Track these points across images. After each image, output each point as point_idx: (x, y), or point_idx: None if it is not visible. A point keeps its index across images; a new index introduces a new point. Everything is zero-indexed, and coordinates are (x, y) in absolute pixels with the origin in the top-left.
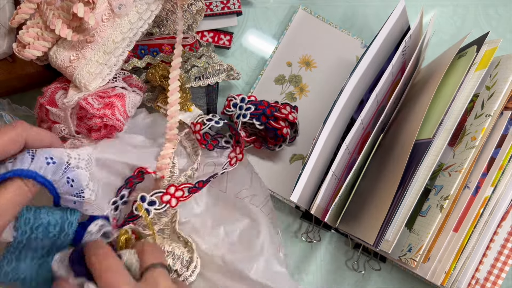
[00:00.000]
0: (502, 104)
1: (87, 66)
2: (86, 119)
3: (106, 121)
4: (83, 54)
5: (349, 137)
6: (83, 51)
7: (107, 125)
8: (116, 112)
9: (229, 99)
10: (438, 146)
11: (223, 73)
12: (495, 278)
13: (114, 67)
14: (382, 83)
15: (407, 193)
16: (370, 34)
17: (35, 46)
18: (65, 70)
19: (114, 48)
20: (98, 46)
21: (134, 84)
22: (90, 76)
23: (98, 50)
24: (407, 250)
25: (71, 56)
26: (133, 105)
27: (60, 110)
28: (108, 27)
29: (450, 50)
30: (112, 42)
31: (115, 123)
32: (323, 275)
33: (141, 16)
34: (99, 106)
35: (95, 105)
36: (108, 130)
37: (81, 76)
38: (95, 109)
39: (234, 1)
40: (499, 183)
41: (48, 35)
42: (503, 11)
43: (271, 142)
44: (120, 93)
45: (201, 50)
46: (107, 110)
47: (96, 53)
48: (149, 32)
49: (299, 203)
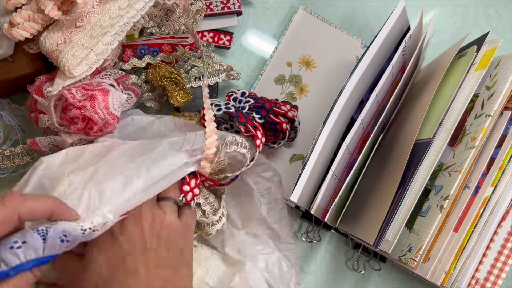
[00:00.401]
0: (502, 104)
1: (72, 50)
2: (68, 110)
3: (84, 112)
4: (70, 38)
5: (349, 137)
6: (70, 35)
7: (85, 117)
8: (96, 105)
9: (229, 94)
10: (438, 146)
11: (223, 73)
12: (495, 278)
13: (102, 55)
14: (382, 83)
15: (407, 193)
16: (370, 34)
17: (24, 27)
18: (51, 54)
19: (101, 33)
20: (86, 30)
21: (128, 88)
22: (75, 60)
23: (85, 34)
24: (407, 250)
25: (59, 41)
26: (119, 103)
27: (46, 100)
28: (98, 13)
29: (450, 50)
30: (99, 26)
31: (92, 115)
32: (323, 275)
33: (132, 3)
34: (81, 98)
35: (77, 96)
36: (86, 124)
37: (66, 59)
38: (76, 99)
39: (234, 1)
40: (499, 183)
41: (39, 17)
42: (503, 11)
43: (270, 138)
44: (105, 88)
45: (201, 51)
46: (87, 102)
47: (82, 37)
48: (149, 32)
49: (299, 203)
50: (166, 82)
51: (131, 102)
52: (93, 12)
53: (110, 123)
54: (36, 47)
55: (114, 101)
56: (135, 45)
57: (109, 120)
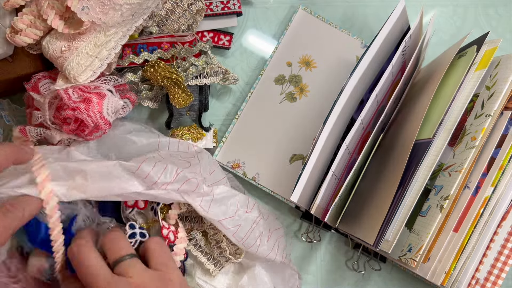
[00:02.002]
0: (502, 104)
1: (77, 58)
2: (62, 110)
3: (77, 114)
4: (74, 46)
5: (349, 137)
6: (74, 42)
7: (78, 119)
8: (90, 108)
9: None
10: (438, 146)
11: (220, 75)
12: (495, 278)
13: (105, 60)
14: (382, 83)
15: (407, 193)
16: (370, 34)
17: (27, 33)
18: (56, 60)
19: (105, 41)
20: (90, 38)
21: (125, 96)
22: (80, 68)
23: (89, 42)
24: (407, 250)
25: (63, 47)
26: (113, 109)
27: (41, 97)
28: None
29: (450, 50)
30: (103, 35)
31: (85, 118)
32: (323, 275)
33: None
34: (76, 99)
35: (73, 97)
36: (78, 126)
37: (71, 67)
38: (71, 100)
39: (234, 1)
40: (499, 183)
41: (41, 24)
42: (503, 11)
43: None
44: (102, 93)
45: (199, 45)
46: (82, 104)
47: (87, 45)
48: (149, 31)
49: (299, 203)
50: (168, 83)
51: (126, 110)
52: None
53: (101, 127)
54: (37, 48)
55: (109, 106)
56: (135, 44)
57: (100, 124)
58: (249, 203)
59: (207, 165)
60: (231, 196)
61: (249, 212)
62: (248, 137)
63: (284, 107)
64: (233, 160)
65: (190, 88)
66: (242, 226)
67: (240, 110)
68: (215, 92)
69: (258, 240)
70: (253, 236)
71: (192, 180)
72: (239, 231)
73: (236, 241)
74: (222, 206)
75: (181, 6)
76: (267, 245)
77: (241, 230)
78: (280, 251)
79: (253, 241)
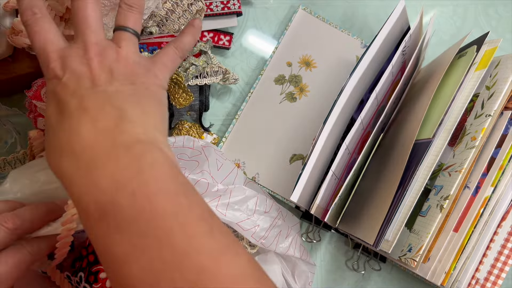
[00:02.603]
0: (502, 104)
1: None
2: None
3: None
4: None
5: (349, 137)
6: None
7: None
8: None
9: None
10: (438, 146)
11: (220, 75)
12: (495, 278)
13: None
14: (382, 83)
15: (407, 193)
16: (370, 34)
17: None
18: None
19: None
20: None
21: None
22: None
23: None
24: (407, 250)
25: None
26: None
27: (44, 104)
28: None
29: (450, 50)
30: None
31: None
32: (323, 275)
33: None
34: None
35: None
36: None
37: None
38: None
39: (234, 1)
40: (499, 183)
41: None
42: (503, 11)
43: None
44: None
45: (199, 45)
46: None
47: None
48: (149, 31)
49: (299, 203)
50: (168, 83)
51: None
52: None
53: None
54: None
55: None
56: None
57: None
58: (267, 203)
59: (214, 160)
60: (250, 198)
61: (268, 212)
62: (248, 137)
63: (284, 107)
64: (233, 160)
65: (191, 88)
66: (260, 226)
67: (240, 110)
68: (215, 92)
69: (277, 239)
70: (272, 235)
71: (201, 181)
72: (258, 231)
73: (255, 241)
74: (240, 208)
75: (181, 6)
76: (285, 242)
77: (260, 230)
78: (298, 247)
79: (272, 239)
